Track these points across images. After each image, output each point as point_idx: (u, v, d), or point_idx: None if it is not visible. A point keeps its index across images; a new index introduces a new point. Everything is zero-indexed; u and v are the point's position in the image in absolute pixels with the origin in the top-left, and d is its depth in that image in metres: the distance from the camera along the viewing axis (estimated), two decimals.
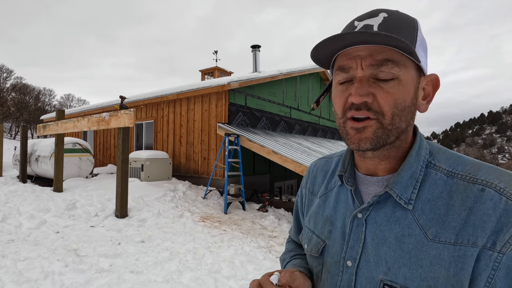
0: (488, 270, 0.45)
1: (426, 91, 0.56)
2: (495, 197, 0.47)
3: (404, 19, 0.53)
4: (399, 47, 0.49)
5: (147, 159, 7.40)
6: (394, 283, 0.51)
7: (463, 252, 0.46)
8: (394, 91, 0.51)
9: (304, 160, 5.78)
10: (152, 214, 5.07)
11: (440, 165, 0.54)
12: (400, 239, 0.52)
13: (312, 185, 0.76)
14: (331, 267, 0.62)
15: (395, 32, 0.50)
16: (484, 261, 0.45)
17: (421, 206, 0.52)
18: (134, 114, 4.85)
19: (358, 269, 0.57)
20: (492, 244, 0.45)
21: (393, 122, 0.52)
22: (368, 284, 0.55)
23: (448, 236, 0.48)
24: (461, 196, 0.49)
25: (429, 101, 0.57)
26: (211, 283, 2.91)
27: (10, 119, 34.87)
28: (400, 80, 0.51)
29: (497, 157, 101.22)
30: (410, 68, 0.52)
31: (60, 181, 6.30)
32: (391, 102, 0.51)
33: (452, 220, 0.49)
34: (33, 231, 4.15)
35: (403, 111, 0.52)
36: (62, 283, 2.73)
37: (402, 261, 0.51)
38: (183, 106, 8.61)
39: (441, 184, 0.52)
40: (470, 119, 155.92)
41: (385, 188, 0.55)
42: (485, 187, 0.48)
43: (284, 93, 10.20)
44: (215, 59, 16.54)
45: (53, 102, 43.33)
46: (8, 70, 34.64)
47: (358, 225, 0.58)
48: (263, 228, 5.11)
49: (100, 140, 11.67)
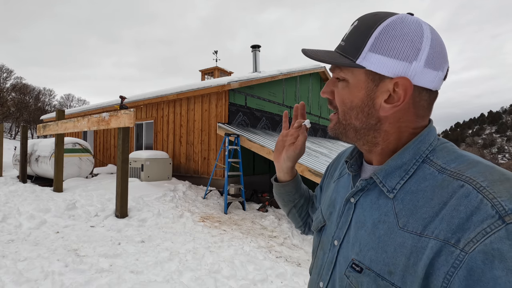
0: (448, 266, 0.43)
1: (397, 94, 0.54)
2: (471, 194, 0.45)
3: (365, 24, 0.55)
4: (329, 63, 0.58)
5: (147, 159, 7.40)
6: (361, 263, 0.55)
7: (426, 244, 0.46)
8: (342, 92, 0.59)
9: (304, 160, 5.78)
10: (152, 214, 5.07)
11: (436, 161, 0.54)
12: (375, 225, 0.55)
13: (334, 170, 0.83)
14: (324, 245, 0.69)
15: (348, 41, 0.57)
16: (445, 256, 0.44)
17: (402, 196, 0.53)
18: (134, 114, 4.85)
19: (340, 248, 0.62)
20: (456, 241, 0.43)
21: (344, 118, 0.60)
22: (344, 262, 0.60)
23: (416, 227, 0.49)
24: (441, 191, 0.49)
25: (397, 105, 0.54)
26: (211, 283, 2.91)
27: (10, 119, 34.88)
28: (348, 82, 0.58)
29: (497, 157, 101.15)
30: (358, 73, 0.56)
31: (60, 181, 6.30)
32: (340, 100, 0.60)
33: (425, 212, 0.49)
34: (33, 231, 4.15)
35: (352, 110, 0.58)
36: (62, 283, 2.73)
37: (371, 245, 0.54)
38: (183, 106, 8.61)
39: (430, 179, 0.52)
40: (470, 119, 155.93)
41: (371, 174, 0.59)
42: (465, 184, 0.46)
43: (284, 93, 10.20)
44: (215, 59, 16.56)
45: (53, 102, 43.40)
46: (8, 70, 34.68)
47: (349, 208, 0.63)
48: (263, 228, 5.11)
49: (100, 140, 11.67)
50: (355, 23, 0.58)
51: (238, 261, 3.47)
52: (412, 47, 0.52)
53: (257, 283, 3.03)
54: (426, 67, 0.52)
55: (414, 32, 0.52)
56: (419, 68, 0.52)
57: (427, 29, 0.53)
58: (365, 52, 0.54)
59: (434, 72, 0.53)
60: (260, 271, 3.26)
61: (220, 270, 3.20)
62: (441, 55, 0.54)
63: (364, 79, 0.56)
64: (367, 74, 0.55)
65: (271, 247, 4.16)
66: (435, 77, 0.53)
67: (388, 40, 0.53)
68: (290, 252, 4.12)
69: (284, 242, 4.52)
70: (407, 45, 0.52)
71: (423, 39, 0.52)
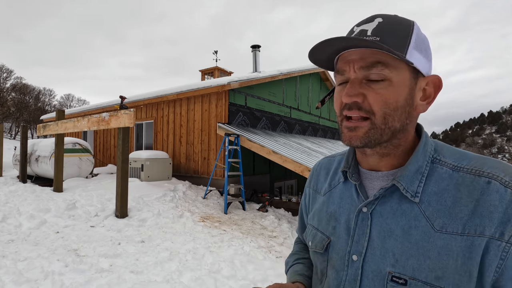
0: (497, 260, 0.46)
1: (427, 92, 0.58)
2: (501, 190, 0.48)
3: (398, 22, 0.55)
4: (387, 50, 0.51)
5: (147, 159, 7.40)
6: (402, 275, 0.52)
7: (471, 242, 0.48)
8: (384, 92, 0.53)
9: (304, 160, 5.78)
10: (152, 214, 5.07)
11: (446, 160, 0.56)
12: (407, 231, 0.53)
13: (316, 184, 0.78)
14: (336, 262, 0.62)
15: (388, 36, 0.53)
16: (493, 251, 0.46)
17: (427, 198, 0.54)
18: (134, 114, 4.85)
19: (364, 262, 0.57)
20: (500, 234, 0.46)
21: (385, 121, 0.54)
22: (375, 277, 0.55)
23: (455, 227, 0.50)
24: (468, 188, 0.51)
25: (430, 102, 0.58)
26: (211, 283, 2.91)
27: (10, 119, 34.86)
28: (391, 81, 0.53)
29: (497, 157, 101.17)
30: (403, 70, 0.54)
31: (60, 181, 6.30)
32: (381, 102, 0.54)
33: (459, 211, 0.50)
34: (33, 231, 4.15)
35: (396, 111, 0.54)
36: (62, 283, 2.73)
37: (409, 253, 0.52)
38: (183, 106, 8.61)
39: (446, 178, 0.54)
40: (470, 119, 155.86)
41: (392, 181, 0.56)
42: (491, 180, 0.50)
43: (284, 93, 10.20)
44: (215, 59, 16.55)
45: (53, 102, 43.35)
46: (8, 70, 34.64)
47: (364, 219, 0.59)
48: (263, 228, 5.11)
49: (100, 140, 11.67)
50: (378, 19, 0.55)
51: (238, 261, 3.47)
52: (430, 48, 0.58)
53: (257, 283, 3.02)
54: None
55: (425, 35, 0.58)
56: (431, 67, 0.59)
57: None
58: (411, 48, 0.54)
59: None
60: (260, 271, 3.26)
61: (220, 270, 3.20)
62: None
63: (409, 76, 0.55)
64: (410, 72, 0.55)
65: (271, 247, 4.16)
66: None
67: (421, 41, 0.56)
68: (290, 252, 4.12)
69: (284, 242, 4.51)
70: (429, 46, 0.58)
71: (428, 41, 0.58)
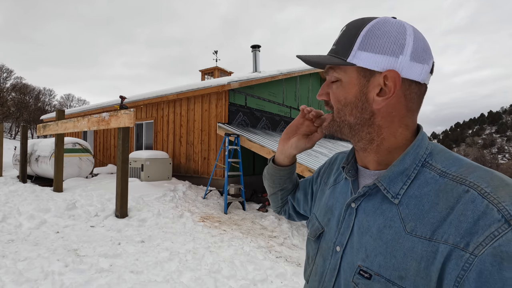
0: (458, 270, 0.45)
1: (387, 87, 0.56)
2: (477, 200, 0.47)
3: (353, 26, 0.60)
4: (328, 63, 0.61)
5: (147, 159, 7.40)
6: (369, 269, 0.55)
7: (436, 248, 0.48)
8: (336, 91, 0.62)
9: (304, 160, 5.77)
10: (152, 214, 5.07)
11: (436, 165, 0.56)
12: (381, 230, 0.56)
13: (328, 176, 0.82)
14: (325, 252, 0.68)
15: (339, 44, 0.61)
16: (455, 260, 0.45)
17: (407, 201, 0.55)
18: (134, 114, 4.85)
19: (343, 254, 0.62)
20: (465, 245, 0.45)
21: (339, 115, 0.63)
22: (348, 269, 0.60)
23: (424, 231, 0.50)
24: (447, 196, 0.50)
25: (389, 97, 0.57)
26: (211, 283, 2.91)
27: (10, 119, 34.85)
28: (342, 81, 0.61)
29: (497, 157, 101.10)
30: (350, 70, 0.59)
31: (60, 181, 6.30)
32: (334, 100, 0.63)
33: (432, 217, 0.50)
34: (33, 231, 4.15)
35: (346, 107, 0.61)
36: (62, 283, 2.72)
37: (379, 250, 0.55)
38: (183, 106, 8.60)
39: (432, 183, 0.54)
40: (470, 119, 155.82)
41: (374, 181, 0.59)
42: (470, 189, 0.48)
43: (284, 93, 10.20)
44: (215, 59, 16.55)
45: (53, 102, 43.37)
46: (8, 70, 34.68)
47: (351, 213, 0.63)
48: (263, 228, 5.11)
49: (100, 140, 11.67)
50: (343, 28, 0.62)
51: (238, 261, 3.47)
52: (397, 43, 0.56)
53: (257, 283, 3.03)
54: (412, 61, 0.55)
55: (396, 30, 0.56)
56: (406, 62, 0.55)
57: (409, 28, 0.57)
58: (354, 51, 0.58)
59: (420, 65, 0.56)
60: (260, 271, 3.26)
61: (220, 270, 3.20)
62: (425, 50, 0.57)
63: (356, 76, 0.59)
64: (358, 71, 0.58)
65: (271, 247, 4.16)
66: (421, 70, 0.57)
67: (374, 38, 0.57)
68: (290, 252, 4.12)
69: (284, 242, 4.51)
70: (392, 41, 0.56)
71: (406, 35, 0.56)
